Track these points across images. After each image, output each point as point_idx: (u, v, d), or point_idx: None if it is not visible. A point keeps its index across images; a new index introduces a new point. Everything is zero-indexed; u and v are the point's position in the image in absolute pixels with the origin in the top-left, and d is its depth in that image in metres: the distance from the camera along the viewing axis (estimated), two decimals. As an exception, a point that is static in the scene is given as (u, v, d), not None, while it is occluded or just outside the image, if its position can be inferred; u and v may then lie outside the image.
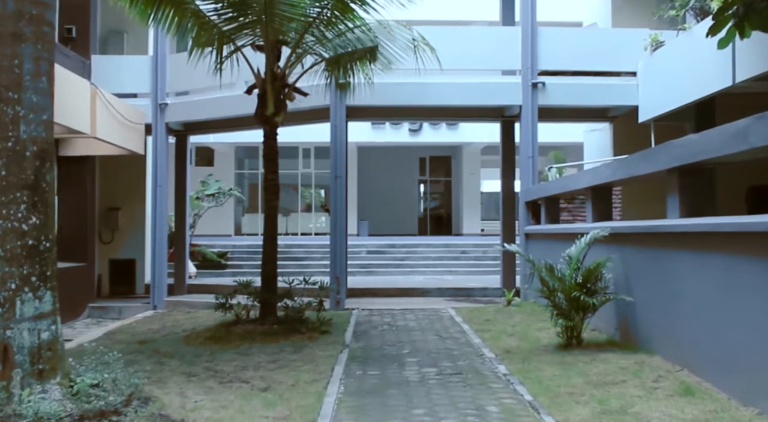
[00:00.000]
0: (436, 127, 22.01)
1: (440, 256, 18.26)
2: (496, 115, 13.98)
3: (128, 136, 13.51)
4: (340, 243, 12.37)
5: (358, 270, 17.10)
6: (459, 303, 12.87)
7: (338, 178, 12.35)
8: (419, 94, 12.70)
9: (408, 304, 12.65)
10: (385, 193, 26.07)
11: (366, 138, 21.81)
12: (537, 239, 11.72)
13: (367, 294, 14.03)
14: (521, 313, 10.65)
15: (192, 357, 7.85)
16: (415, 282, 15.20)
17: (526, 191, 12.34)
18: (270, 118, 9.57)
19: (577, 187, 9.41)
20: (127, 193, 15.96)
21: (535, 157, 12.51)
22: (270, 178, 9.71)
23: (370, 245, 18.99)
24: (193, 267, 16.85)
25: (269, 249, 9.69)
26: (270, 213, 9.76)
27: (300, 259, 17.93)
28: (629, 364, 6.47)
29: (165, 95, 14.17)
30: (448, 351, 7.82)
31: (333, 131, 12.44)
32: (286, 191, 25.68)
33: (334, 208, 12.37)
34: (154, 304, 13.98)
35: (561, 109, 13.57)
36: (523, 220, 12.47)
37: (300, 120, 14.06)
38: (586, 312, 7.42)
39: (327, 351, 7.93)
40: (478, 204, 24.59)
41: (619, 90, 12.82)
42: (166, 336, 9.81)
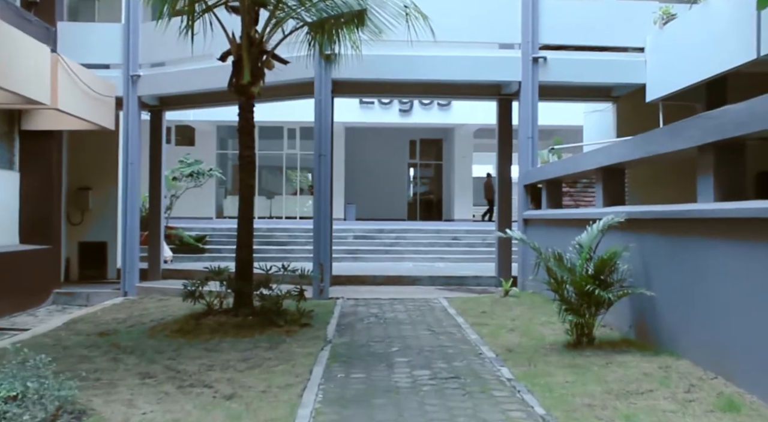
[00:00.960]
0: (427, 107, 21.06)
1: (431, 242, 17.40)
2: (492, 92, 13.07)
3: (96, 110, 12.49)
4: (324, 228, 11.46)
5: (344, 256, 16.22)
6: (451, 293, 12.02)
7: (322, 157, 11.42)
8: (410, 68, 11.77)
9: (397, 293, 11.80)
10: (373, 175, 25.16)
11: (354, 118, 20.86)
12: (537, 225, 10.87)
13: (353, 282, 13.16)
14: (520, 305, 9.81)
15: (153, 354, 6.96)
16: (405, 270, 14.35)
17: (526, 174, 11.47)
18: (246, 87, 8.62)
19: (584, 169, 8.54)
20: (98, 171, 14.94)
21: (534, 138, 11.63)
22: (246, 154, 8.76)
23: (357, 230, 18.09)
24: (168, 251, 15.91)
25: (244, 232, 8.78)
26: (245, 193, 8.83)
27: (283, 244, 17.01)
28: (653, 369, 5.63)
29: (137, 66, 13.15)
30: (443, 350, 6.96)
31: (317, 106, 11.49)
32: (271, 173, 24.77)
33: (318, 189, 11.45)
34: (125, 290, 13.06)
35: (562, 88, 12.70)
36: (522, 205, 11.61)
37: (282, 95, 13.15)
38: (600, 308, 6.57)
39: (306, 348, 7.05)
40: (470, 188, 23.71)
41: (625, 67, 11.96)
42: (130, 328, 8.91)
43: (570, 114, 17.78)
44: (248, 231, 8.83)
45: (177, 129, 22.43)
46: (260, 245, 16.74)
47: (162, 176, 14.71)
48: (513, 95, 12.81)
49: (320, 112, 11.48)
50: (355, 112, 20.77)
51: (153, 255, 14.49)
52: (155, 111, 14.47)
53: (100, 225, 14.90)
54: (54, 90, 10.67)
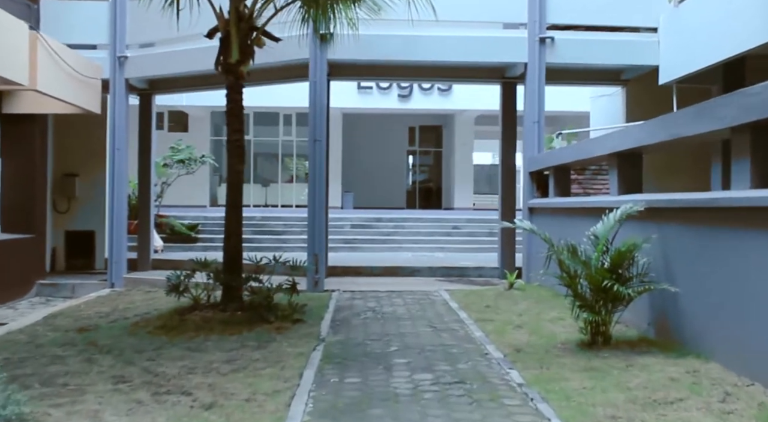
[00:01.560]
0: (427, 92, 20.44)
1: (430, 232, 16.85)
2: (495, 76, 12.47)
3: (81, 92, 11.89)
4: (320, 216, 10.90)
5: (341, 246, 15.67)
6: (452, 285, 11.49)
7: (317, 142, 10.84)
8: (410, 49, 11.16)
9: (395, 285, 11.26)
10: (371, 163, 24.56)
11: (352, 104, 20.25)
12: (543, 214, 10.31)
13: (349, 273, 12.63)
14: (526, 299, 9.26)
15: (132, 354, 6.41)
16: (403, 260, 13.80)
17: (531, 160, 10.89)
18: (235, 66, 8.02)
19: (597, 154, 7.97)
20: (86, 157, 14.33)
21: (541, 122, 11.04)
22: (234, 138, 8.17)
23: (355, 218, 17.54)
24: (159, 241, 15.35)
25: (233, 221, 8.21)
26: (234, 179, 8.25)
27: (278, 233, 16.45)
28: (680, 374, 5.09)
29: (125, 47, 12.53)
30: (445, 349, 6.41)
31: (312, 88, 10.89)
32: (267, 160, 24.18)
33: (313, 175, 10.88)
34: (112, 282, 12.51)
35: (569, 71, 12.11)
36: (527, 193, 11.05)
37: (276, 77, 12.56)
38: (617, 305, 6.02)
39: (297, 348, 6.50)
40: (470, 176, 23.12)
41: (637, 47, 11.36)
42: (112, 323, 8.35)
43: (575, 99, 17.15)
44: (237, 220, 8.26)
45: (170, 114, 21.80)
46: (254, 234, 16.22)
47: (152, 163, 14.13)
48: (517, 78, 12.23)
49: (315, 95, 10.89)
50: (352, 98, 20.15)
51: (142, 245, 13.95)
52: (144, 94, 13.87)
53: (88, 213, 14.33)
54: (33, 70, 10.06)
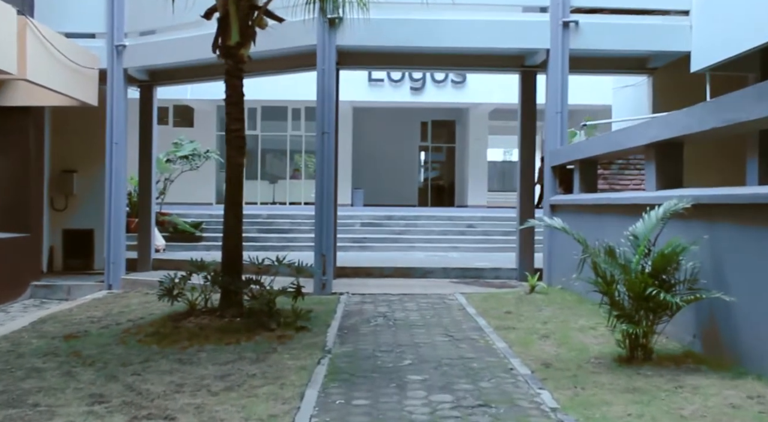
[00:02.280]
0: (440, 85, 19.71)
1: (444, 230, 16.13)
2: (514, 64, 11.75)
3: (76, 83, 11.29)
4: (327, 214, 10.23)
5: (351, 245, 15.00)
6: (468, 287, 10.79)
7: (326, 135, 10.16)
8: (424, 34, 10.46)
9: (408, 288, 10.58)
10: (382, 159, 23.86)
11: (362, 96, 19.55)
12: (567, 212, 9.58)
13: (359, 274, 11.96)
14: (550, 304, 8.55)
15: (116, 367, 5.77)
16: (416, 261, 13.11)
17: (554, 153, 10.17)
18: (234, 49, 7.37)
19: (631, 145, 7.23)
20: (84, 152, 13.76)
21: (564, 113, 10.31)
22: (234, 128, 7.52)
23: (365, 216, 16.86)
24: (161, 240, 14.74)
25: (232, 219, 7.56)
26: (233, 173, 7.59)
27: (285, 232, 15.80)
28: (740, 399, 4.38)
29: (123, 35, 11.91)
30: (465, 363, 5.72)
31: (320, 77, 10.22)
32: (275, 156, 23.56)
33: (321, 170, 10.21)
34: (109, 284, 11.94)
35: (593, 59, 11.39)
36: (549, 189, 10.32)
37: (282, 67, 11.94)
38: (661, 315, 5.31)
39: (300, 360, 5.83)
40: (484, 173, 22.36)
41: (667, 32, 10.60)
42: (102, 330, 7.74)
43: (595, 91, 16.42)
44: (237, 218, 7.60)
45: (175, 109, 21.21)
46: (260, 233, 15.60)
47: (153, 158, 13.52)
48: (537, 67, 11.53)
49: (324, 84, 10.21)
50: (363, 91, 19.45)
51: (143, 244, 13.36)
52: (145, 86, 13.26)
53: (87, 210, 13.75)
54: (22, 57, 9.46)
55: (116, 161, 11.98)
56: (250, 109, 21.77)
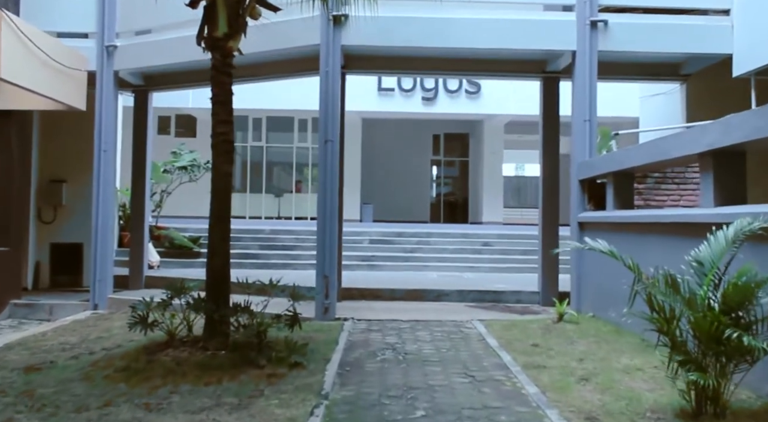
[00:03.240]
0: (454, 95, 18.76)
1: (458, 248, 15.10)
2: (535, 70, 10.80)
3: (61, 85, 10.41)
4: (331, 231, 9.24)
5: (358, 264, 14.00)
6: (487, 313, 9.77)
7: (329, 143, 9.21)
8: (436, 33, 9.53)
9: (419, 313, 9.57)
10: (393, 173, 22.89)
11: (372, 107, 18.62)
12: (598, 231, 8.55)
13: (366, 297, 10.97)
14: (583, 336, 7.49)
15: (69, 413, 4.82)
16: (428, 282, 12.08)
17: (582, 166, 9.16)
18: (222, 41, 6.43)
19: (681, 153, 6.21)
20: (75, 161, 12.87)
21: (593, 121, 9.32)
22: (220, 131, 6.56)
23: (374, 233, 15.87)
24: (155, 255, 13.81)
25: (217, 236, 6.59)
26: (220, 184, 6.61)
27: (288, 248, 14.82)
28: None
29: (114, 35, 11.03)
30: (491, 416, 4.69)
31: (324, 79, 9.28)
32: (281, 169, 22.65)
33: (324, 182, 9.23)
34: (95, 303, 11.00)
35: (621, 64, 10.46)
36: (576, 205, 9.30)
37: (284, 71, 11.05)
38: (738, 362, 4.26)
39: (290, 409, 4.83)
40: (500, 188, 21.33)
41: (705, 33, 9.63)
42: (71, 360, 6.79)
43: (619, 102, 15.46)
44: (223, 235, 6.62)
45: (177, 118, 20.39)
46: (261, 249, 14.65)
47: (147, 168, 12.60)
48: (560, 73, 10.61)
49: (327, 87, 9.27)
50: (372, 100, 18.53)
51: (135, 260, 12.42)
52: (140, 91, 12.39)
53: (76, 223, 12.82)
54: (-5, 55, 8.57)
55: (105, 170, 11.07)
56: (255, 120, 20.93)
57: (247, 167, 21.54)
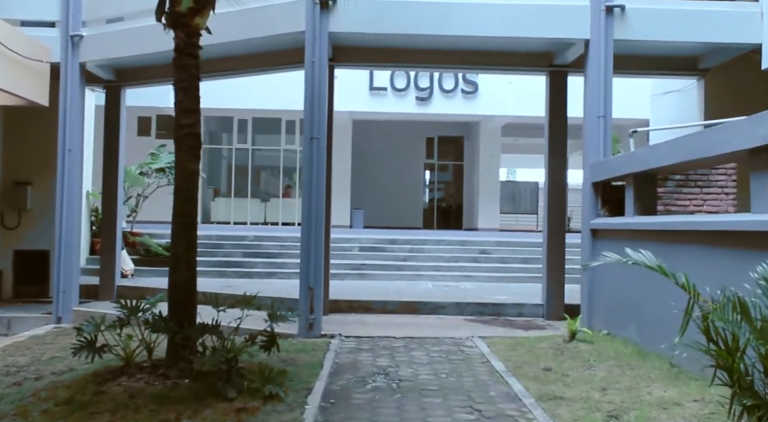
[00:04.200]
0: (449, 96, 17.85)
1: (454, 257, 14.19)
2: (541, 63, 9.97)
3: (20, 78, 9.46)
4: (317, 237, 8.31)
5: (348, 273, 13.07)
6: (487, 328, 8.88)
7: (315, 141, 8.29)
8: (433, 20, 8.68)
9: (415, 328, 8.67)
10: (384, 177, 21.97)
11: (363, 107, 17.71)
12: (615, 240, 7.68)
13: (356, 309, 10.07)
14: (601, 358, 6.58)
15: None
16: (423, 293, 11.18)
17: (596, 167, 8.28)
18: (185, 17, 5.51)
19: (723, 151, 5.33)
20: (41, 162, 11.88)
21: (608, 117, 8.45)
22: (185, 123, 5.63)
23: (365, 240, 14.94)
24: (129, 263, 12.83)
25: (181, 246, 5.67)
26: (185, 183, 5.68)
27: (273, 256, 13.87)
28: None
29: (80, 24, 10.09)
30: (508, 469, 3.78)
31: (309, 70, 8.37)
32: (267, 172, 21.70)
33: (309, 183, 8.31)
34: (58, 316, 10.03)
35: (636, 58, 9.63)
36: (588, 211, 8.41)
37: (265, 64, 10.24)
38: (825, 407, 3.37)
39: (259, 460, 3.90)
40: (497, 193, 20.43)
41: (731, 21, 8.80)
42: (11, 388, 5.87)
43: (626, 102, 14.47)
44: (189, 244, 5.70)
45: (158, 119, 19.39)
46: (244, 257, 13.71)
47: (120, 170, 11.64)
48: (568, 66, 9.79)
49: (314, 79, 8.36)
50: (363, 100, 17.59)
51: (106, 269, 11.49)
52: (111, 87, 11.45)
53: (43, 229, 11.81)
54: (-63, 40, 7.62)
55: (70, 171, 10.12)
56: (240, 121, 19.96)
57: (232, 170, 20.57)
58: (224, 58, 10.27)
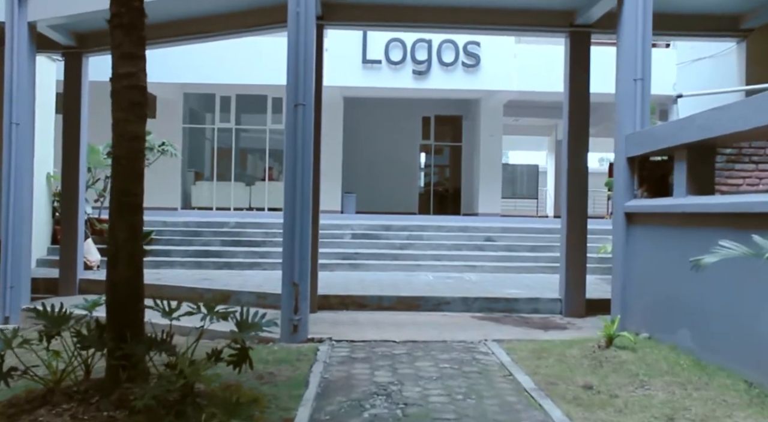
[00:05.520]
0: (449, 69, 16.47)
1: (456, 244, 12.91)
2: (560, 22, 8.75)
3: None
4: (303, 224, 7.00)
5: (339, 263, 11.79)
6: (501, 329, 7.67)
7: (300, 107, 6.96)
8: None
9: (416, 329, 7.45)
10: (378, 159, 20.62)
11: (355, 82, 16.34)
12: (658, 225, 6.43)
13: (349, 306, 8.83)
14: (653, 372, 5.33)
15: None
16: (424, 286, 9.93)
17: (634, 139, 7.00)
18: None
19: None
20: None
21: (646, 81, 7.14)
22: (124, 72, 4.29)
23: (357, 226, 13.63)
24: (95, 254, 11.50)
25: (121, 234, 4.38)
26: (126, 151, 4.34)
27: (255, 244, 12.56)
28: None
29: (28, -23, 8.71)
30: None
31: (293, 23, 7.02)
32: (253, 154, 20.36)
33: (294, 160, 6.98)
34: (5, 315, 8.71)
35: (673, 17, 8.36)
36: (623, 191, 7.13)
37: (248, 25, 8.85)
38: None
39: None
40: (498, 176, 19.10)
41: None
42: None
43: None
44: (132, 232, 4.40)
45: (134, 97, 17.93)
46: (223, 246, 12.43)
47: (82, 150, 10.32)
48: (591, 26, 8.53)
49: (298, 35, 7.02)
50: (356, 75, 16.19)
51: (67, 260, 10.23)
52: (71, 54, 10.11)
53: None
54: None
55: (18, 148, 8.78)
56: (223, 98, 18.54)
57: (214, 152, 19.16)
58: (194, 19, 9.01)
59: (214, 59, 15.80)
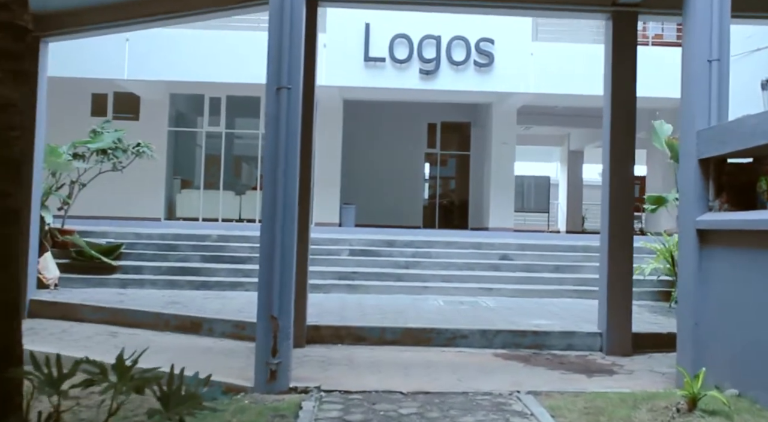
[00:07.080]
0: (459, 68, 14.97)
1: (468, 263, 11.37)
2: (599, 1, 7.23)
3: None
4: (285, 243, 5.43)
5: (335, 284, 10.25)
6: (533, 372, 6.16)
7: (283, 91, 5.43)
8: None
9: (428, 374, 5.92)
10: (380, 168, 19.08)
11: (356, 81, 14.84)
12: (746, 247, 4.90)
13: (344, 338, 7.32)
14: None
15: None
16: (433, 314, 8.40)
17: (711, 135, 5.46)
18: None
19: None
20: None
21: (724, 62, 5.63)
22: None
23: (356, 241, 12.10)
24: (53, 270, 9.98)
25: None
26: None
27: (239, 261, 11.00)
28: None
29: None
30: None
31: (275, -16, 5.52)
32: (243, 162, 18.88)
33: (275, 156, 5.45)
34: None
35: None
36: (695, 201, 5.58)
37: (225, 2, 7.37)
38: None
39: None
40: (511, 188, 17.54)
41: None
42: None
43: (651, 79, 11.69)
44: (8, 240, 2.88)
45: (116, 97, 16.48)
46: (204, 261, 10.93)
47: (38, 148, 8.80)
48: (638, 6, 7.08)
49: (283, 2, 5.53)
50: (357, 73, 14.66)
51: (15, 278, 8.55)
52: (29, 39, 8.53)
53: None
54: None
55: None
56: (213, 100, 17.06)
57: (202, 158, 17.64)
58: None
59: (202, 56, 14.38)
